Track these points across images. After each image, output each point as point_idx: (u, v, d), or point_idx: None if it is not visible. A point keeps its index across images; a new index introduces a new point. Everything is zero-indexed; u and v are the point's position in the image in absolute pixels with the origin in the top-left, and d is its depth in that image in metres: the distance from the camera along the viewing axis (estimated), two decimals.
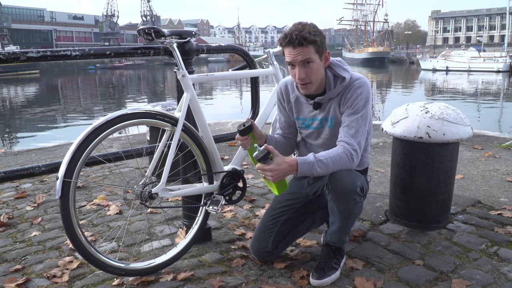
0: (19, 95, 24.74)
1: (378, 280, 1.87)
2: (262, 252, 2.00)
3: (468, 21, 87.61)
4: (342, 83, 1.82)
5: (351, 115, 1.79)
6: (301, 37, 1.68)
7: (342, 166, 1.74)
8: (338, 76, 1.84)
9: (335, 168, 1.73)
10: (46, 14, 67.62)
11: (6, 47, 46.83)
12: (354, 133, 1.77)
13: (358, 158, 1.78)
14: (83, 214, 2.74)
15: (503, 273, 1.91)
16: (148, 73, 46.92)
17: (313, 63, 1.74)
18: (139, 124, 1.83)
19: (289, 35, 1.71)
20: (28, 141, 10.13)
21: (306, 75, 1.75)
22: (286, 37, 1.72)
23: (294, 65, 1.75)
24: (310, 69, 1.74)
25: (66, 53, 1.90)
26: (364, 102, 1.79)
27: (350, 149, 1.74)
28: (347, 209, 1.79)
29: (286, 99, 2.02)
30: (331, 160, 1.71)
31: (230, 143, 4.66)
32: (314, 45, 1.71)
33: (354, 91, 1.80)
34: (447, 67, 38.44)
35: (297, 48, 1.71)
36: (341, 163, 1.73)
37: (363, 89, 1.80)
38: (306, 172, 1.68)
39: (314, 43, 1.71)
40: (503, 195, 2.96)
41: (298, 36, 1.69)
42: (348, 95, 1.81)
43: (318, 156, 1.70)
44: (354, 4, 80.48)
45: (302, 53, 1.71)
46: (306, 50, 1.70)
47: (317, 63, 1.75)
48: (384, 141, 4.72)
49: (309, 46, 1.70)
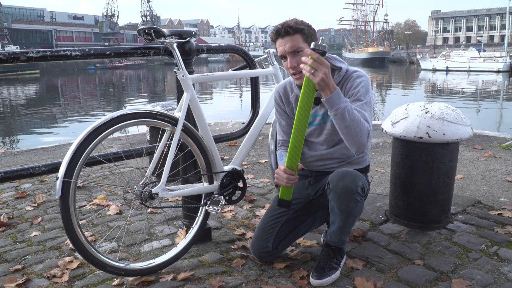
0: (19, 95, 24.74)
1: (378, 280, 1.87)
2: (262, 252, 2.00)
3: (468, 21, 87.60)
4: (340, 73, 1.86)
5: (355, 102, 1.78)
6: (287, 26, 1.78)
7: (360, 131, 1.65)
8: (334, 68, 1.87)
9: (353, 126, 1.64)
10: (46, 14, 67.60)
11: (6, 47, 46.81)
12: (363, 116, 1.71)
13: (369, 141, 1.72)
14: (83, 214, 2.74)
15: (503, 273, 1.91)
16: (148, 73, 46.92)
17: (303, 52, 1.76)
18: (139, 124, 1.83)
19: (276, 27, 1.81)
20: (28, 141, 10.13)
21: (298, 63, 1.77)
22: (273, 32, 1.82)
23: (286, 56, 1.82)
24: (300, 59, 1.74)
25: (66, 53, 1.90)
26: (365, 90, 1.81)
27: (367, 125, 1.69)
28: (348, 209, 1.79)
29: (285, 101, 2.03)
30: (356, 116, 1.64)
31: (230, 143, 4.65)
32: (301, 33, 1.78)
33: (353, 81, 1.83)
34: (447, 67, 38.43)
35: (284, 38, 1.79)
36: (361, 128, 1.65)
37: (363, 79, 1.83)
38: (335, 100, 1.62)
39: (301, 31, 1.78)
40: (503, 195, 2.96)
41: (284, 26, 1.79)
42: (348, 85, 1.84)
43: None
44: (354, 4, 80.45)
45: (289, 41, 1.78)
46: (293, 38, 1.78)
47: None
48: (384, 141, 4.72)
49: (296, 35, 1.78)
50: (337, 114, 1.64)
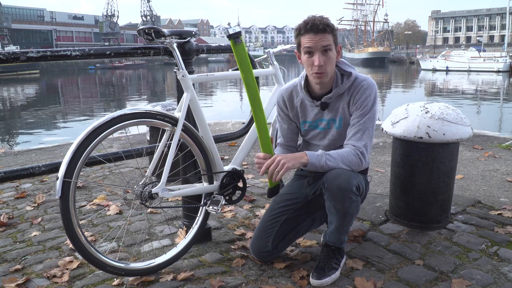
0: (19, 95, 24.74)
1: (378, 280, 1.87)
2: (262, 252, 2.00)
3: (468, 21, 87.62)
4: (350, 78, 1.85)
5: (359, 117, 1.83)
6: (325, 24, 1.74)
7: (351, 163, 1.79)
8: (344, 72, 1.87)
9: (344, 164, 1.78)
10: (46, 14, 67.61)
11: (6, 47, 46.80)
12: (361, 136, 1.81)
13: (366, 160, 1.83)
14: (83, 214, 2.74)
15: (503, 273, 1.91)
16: (148, 73, 46.91)
17: (331, 52, 1.78)
18: (139, 124, 1.83)
19: (311, 21, 1.74)
20: (28, 141, 10.14)
21: (325, 62, 1.77)
22: (308, 23, 1.74)
23: (312, 53, 1.77)
24: (328, 58, 1.77)
25: (66, 53, 1.90)
26: (372, 103, 1.84)
27: (357, 151, 1.80)
28: (343, 208, 1.79)
29: (290, 106, 2.01)
30: (339, 156, 1.78)
31: (230, 143, 4.65)
32: (333, 34, 1.77)
33: (363, 92, 1.84)
34: (447, 67, 38.45)
35: (318, 35, 1.74)
36: (350, 160, 1.79)
37: (372, 90, 1.85)
38: (315, 163, 1.74)
39: (334, 32, 1.77)
40: (503, 195, 2.96)
41: (322, 22, 1.73)
42: (357, 96, 1.84)
43: (325, 152, 1.78)
44: (354, 4, 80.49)
45: (323, 39, 1.74)
46: (328, 37, 1.75)
47: (334, 53, 1.80)
48: (384, 141, 4.72)
49: (330, 35, 1.76)
50: (324, 168, 1.77)
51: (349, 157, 1.79)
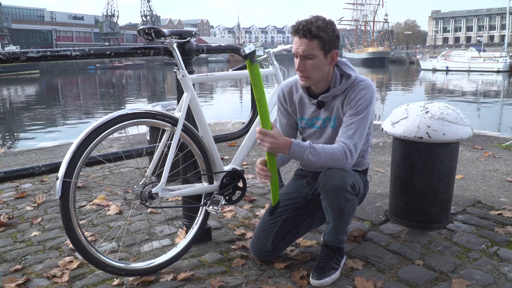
0: (19, 95, 24.74)
1: (378, 280, 1.87)
2: (262, 252, 2.00)
3: (468, 21, 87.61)
4: (348, 81, 1.83)
5: (352, 116, 1.79)
6: (307, 30, 1.68)
7: (335, 161, 1.74)
8: (344, 74, 1.84)
9: (327, 161, 1.73)
10: (46, 14, 67.61)
11: (6, 47, 46.81)
12: (352, 134, 1.77)
13: (353, 159, 1.77)
14: (83, 214, 2.74)
15: (503, 273, 1.91)
16: (148, 73, 46.92)
17: (315, 59, 1.73)
18: (139, 124, 1.83)
19: (298, 24, 1.72)
20: (28, 141, 10.13)
21: (305, 68, 1.75)
22: (295, 26, 1.73)
23: (297, 56, 1.76)
24: (310, 65, 1.74)
25: (66, 53, 1.90)
26: (367, 104, 1.79)
27: (345, 148, 1.74)
28: (339, 207, 1.79)
29: (289, 101, 2.01)
30: (324, 152, 1.72)
31: (230, 143, 4.65)
32: (319, 40, 1.70)
33: (358, 92, 1.80)
34: (447, 67, 38.45)
35: (301, 39, 1.71)
36: (334, 158, 1.73)
37: (368, 91, 1.80)
38: (296, 154, 1.70)
39: (320, 38, 1.69)
40: (503, 195, 2.96)
41: (305, 28, 1.69)
42: (352, 95, 1.81)
43: (314, 144, 1.73)
44: (354, 4, 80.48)
45: (303, 45, 1.71)
46: (310, 44, 1.70)
47: (319, 60, 1.74)
48: (384, 141, 4.72)
49: (313, 41, 1.70)
50: (304, 160, 1.72)
51: (335, 154, 1.73)
